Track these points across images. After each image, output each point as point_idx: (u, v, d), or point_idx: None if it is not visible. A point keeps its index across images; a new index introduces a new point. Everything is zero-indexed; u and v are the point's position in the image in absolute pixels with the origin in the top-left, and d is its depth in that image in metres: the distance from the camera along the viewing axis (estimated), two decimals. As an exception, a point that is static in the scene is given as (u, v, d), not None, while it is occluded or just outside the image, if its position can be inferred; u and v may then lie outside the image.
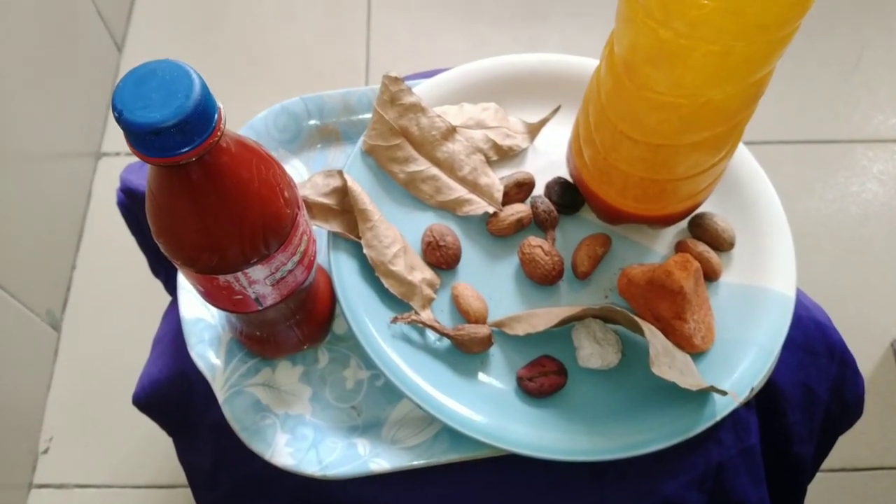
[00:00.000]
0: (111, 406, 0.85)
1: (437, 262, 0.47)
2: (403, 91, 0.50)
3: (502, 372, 0.45)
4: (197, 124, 0.27)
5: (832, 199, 1.04)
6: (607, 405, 0.44)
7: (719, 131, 0.40)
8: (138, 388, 0.49)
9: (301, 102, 0.52)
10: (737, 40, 0.34)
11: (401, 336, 0.45)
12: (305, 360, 0.47)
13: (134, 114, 0.26)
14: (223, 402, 0.44)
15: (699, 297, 0.45)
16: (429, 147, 0.50)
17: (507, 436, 0.42)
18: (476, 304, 0.46)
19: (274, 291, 0.37)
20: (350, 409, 0.45)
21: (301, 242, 0.36)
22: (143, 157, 0.28)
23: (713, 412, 0.43)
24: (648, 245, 0.49)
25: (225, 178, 0.30)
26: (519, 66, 0.54)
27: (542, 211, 0.49)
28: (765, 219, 0.50)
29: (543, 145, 0.53)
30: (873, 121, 1.09)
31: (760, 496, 0.48)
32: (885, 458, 0.88)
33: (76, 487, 0.84)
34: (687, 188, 0.44)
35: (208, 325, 0.46)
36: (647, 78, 0.38)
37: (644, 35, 0.37)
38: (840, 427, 0.54)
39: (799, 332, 0.49)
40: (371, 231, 0.46)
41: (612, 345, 0.44)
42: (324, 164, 0.53)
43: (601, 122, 0.44)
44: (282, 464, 0.42)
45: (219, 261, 0.33)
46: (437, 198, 0.50)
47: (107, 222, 0.98)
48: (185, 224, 0.31)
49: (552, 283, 0.47)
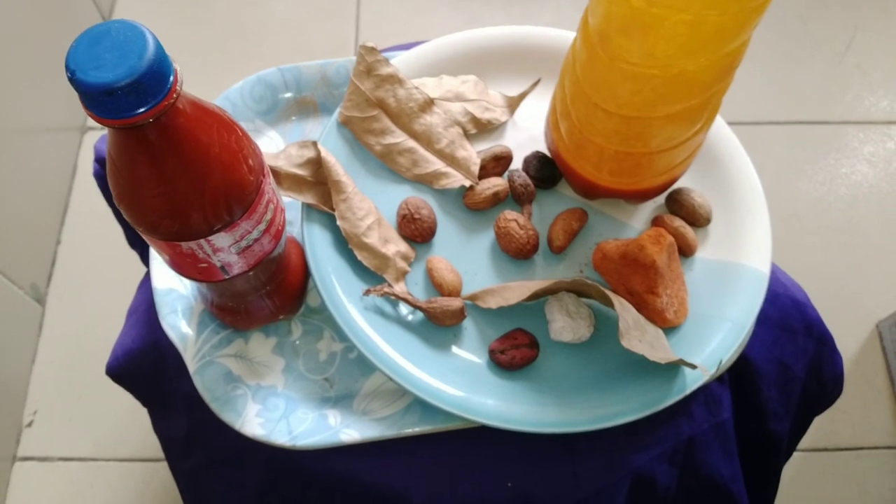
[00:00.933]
0: (95, 380, 0.85)
1: (412, 236, 0.47)
2: (380, 62, 0.49)
3: (475, 345, 0.45)
4: (151, 84, 0.26)
5: (822, 180, 1.04)
6: (578, 378, 0.44)
7: (693, 104, 0.40)
8: (111, 358, 0.49)
9: (278, 73, 0.52)
10: (709, 9, 0.34)
11: (374, 309, 0.45)
12: (279, 332, 0.47)
13: (87, 74, 0.26)
14: (194, 373, 0.44)
15: (672, 272, 0.45)
16: (406, 119, 0.49)
17: (479, 408, 0.42)
18: (450, 278, 0.46)
19: (240, 260, 0.36)
20: (323, 381, 0.45)
21: (267, 211, 0.36)
22: (98, 119, 0.27)
23: (683, 386, 0.43)
24: (625, 220, 0.49)
25: (183, 141, 0.29)
26: (499, 38, 0.54)
27: (518, 185, 0.49)
28: (742, 195, 0.50)
29: (523, 119, 0.53)
30: (865, 102, 1.09)
31: (733, 472, 0.48)
32: (867, 439, 0.88)
33: (60, 460, 0.84)
34: (662, 162, 0.44)
35: (180, 296, 0.46)
36: (620, 48, 0.38)
37: (617, 4, 0.36)
38: (818, 405, 0.54)
39: (775, 309, 0.49)
40: (345, 203, 0.46)
41: (584, 318, 0.44)
42: (301, 136, 0.52)
43: (576, 95, 0.43)
44: (252, 434, 0.42)
45: (180, 227, 0.32)
46: (414, 171, 0.49)
47: (92, 197, 0.97)
48: (145, 189, 0.31)
49: (527, 257, 0.47)
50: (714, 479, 0.47)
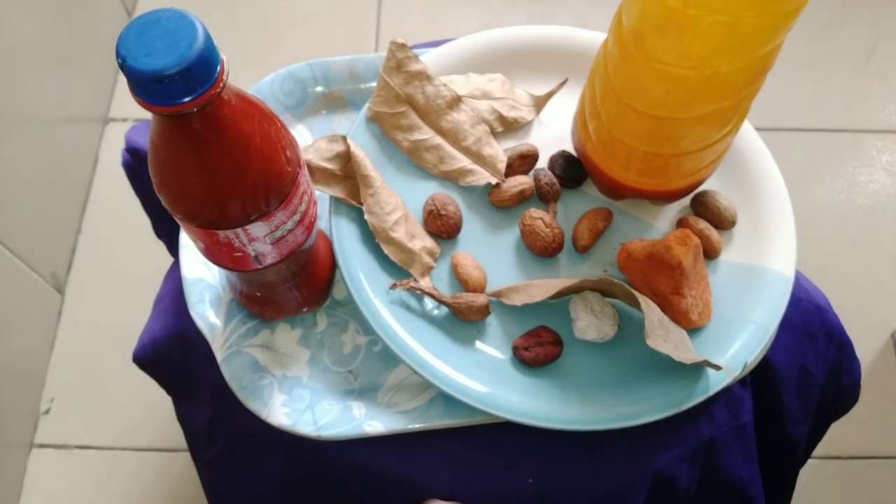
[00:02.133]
0: (113, 369, 0.86)
1: (437, 232, 0.48)
2: (410, 58, 0.49)
3: (499, 341, 0.45)
4: (200, 73, 0.27)
5: (840, 188, 1.03)
6: (602, 376, 0.44)
7: (724, 105, 0.40)
8: (139, 345, 0.49)
9: (307, 68, 0.52)
10: (745, 11, 0.34)
11: (399, 302, 0.45)
12: (304, 324, 0.47)
13: (137, 61, 0.26)
14: (222, 362, 0.44)
15: (697, 274, 0.45)
16: (434, 116, 0.50)
17: (502, 403, 0.42)
18: (475, 274, 0.46)
19: (273, 250, 0.37)
20: (347, 373, 0.46)
21: (301, 202, 0.36)
22: (146, 106, 0.28)
23: (706, 387, 0.43)
24: (650, 221, 0.49)
25: (227, 131, 0.30)
26: (527, 37, 0.54)
27: (544, 184, 0.49)
28: (768, 199, 0.50)
29: (549, 118, 0.53)
30: (885, 111, 1.08)
31: (752, 474, 0.48)
32: (880, 448, 0.88)
33: (76, 448, 0.85)
34: (690, 164, 0.44)
35: (209, 286, 0.46)
36: (654, 48, 0.38)
37: (653, 4, 0.36)
38: (835, 411, 0.55)
39: (797, 314, 0.49)
40: (373, 197, 0.46)
41: (608, 317, 0.44)
42: (328, 131, 0.53)
43: (607, 95, 0.43)
44: (278, 423, 0.43)
45: (219, 215, 0.33)
46: (441, 167, 0.50)
47: (113, 187, 0.99)
48: (187, 177, 0.31)
49: (552, 255, 0.47)
50: (733, 482, 0.47)
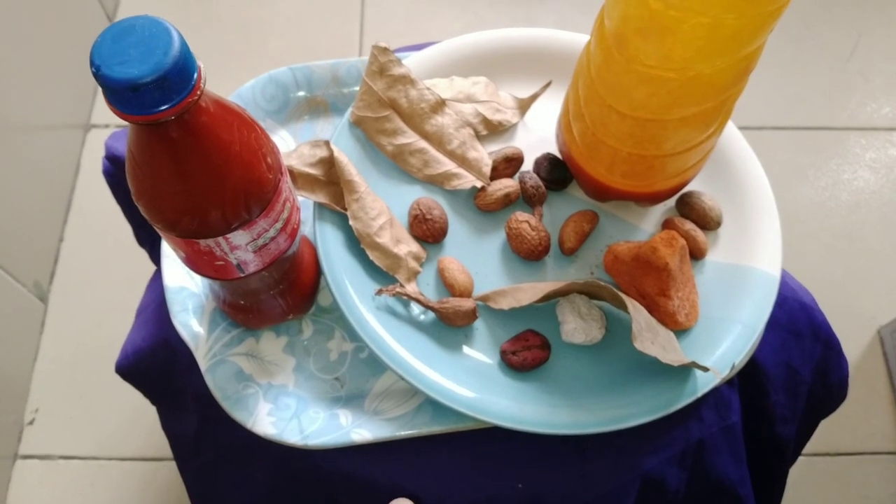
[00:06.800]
0: (97, 378, 0.85)
1: (423, 236, 0.47)
2: (392, 62, 0.49)
3: (486, 346, 0.45)
4: (176, 81, 0.26)
5: (824, 186, 1.04)
6: (590, 380, 0.44)
7: (707, 107, 0.40)
8: (121, 356, 0.49)
9: (289, 72, 0.52)
10: (727, 12, 0.34)
11: (385, 308, 0.45)
12: (290, 331, 0.46)
13: (112, 69, 0.26)
14: (205, 371, 0.44)
15: (684, 275, 0.45)
16: (417, 120, 0.49)
17: (490, 408, 0.42)
18: (461, 278, 0.46)
19: (256, 258, 0.36)
20: (333, 381, 0.45)
21: (284, 209, 0.36)
22: (122, 115, 0.27)
23: (695, 388, 0.43)
24: (636, 223, 0.49)
25: (205, 139, 0.29)
26: (510, 40, 0.54)
27: (530, 186, 0.49)
28: (753, 199, 0.50)
29: (534, 121, 0.53)
30: (867, 109, 1.09)
31: (741, 475, 0.48)
32: (868, 444, 0.89)
33: (61, 459, 0.84)
34: (674, 165, 0.44)
35: (192, 294, 0.46)
36: (637, 50, 0.38)
37: (635, 6, 0.36)
38: (823, 409, 0.55)
39: (784, 313, 0.49)
40: (357, 203, 0.46)
41: (595, 320, 0.44)
42: (311, 136, 0.52)
43: (590, 97, 0.43)
44: (263, 433, 0.42)
45: (199, 224, 0.32)
46: (425, 171, 0.49)
47: (95, 195, 0.97)
48: (165, 185, 0.31)
49: (538, 258, 0.47)
50: (723, 482, 0.47)
